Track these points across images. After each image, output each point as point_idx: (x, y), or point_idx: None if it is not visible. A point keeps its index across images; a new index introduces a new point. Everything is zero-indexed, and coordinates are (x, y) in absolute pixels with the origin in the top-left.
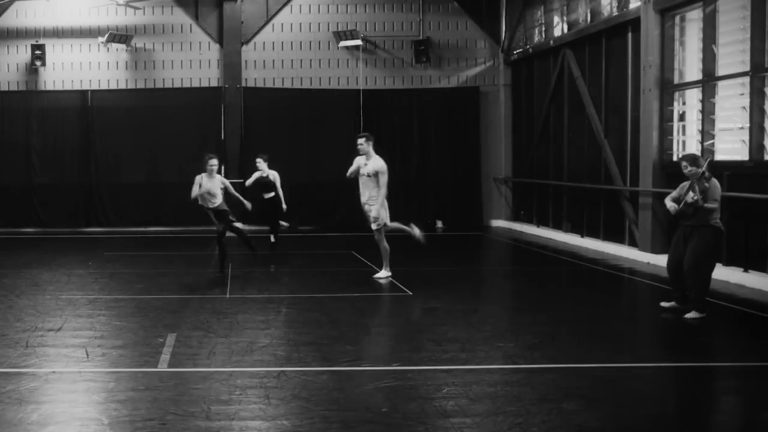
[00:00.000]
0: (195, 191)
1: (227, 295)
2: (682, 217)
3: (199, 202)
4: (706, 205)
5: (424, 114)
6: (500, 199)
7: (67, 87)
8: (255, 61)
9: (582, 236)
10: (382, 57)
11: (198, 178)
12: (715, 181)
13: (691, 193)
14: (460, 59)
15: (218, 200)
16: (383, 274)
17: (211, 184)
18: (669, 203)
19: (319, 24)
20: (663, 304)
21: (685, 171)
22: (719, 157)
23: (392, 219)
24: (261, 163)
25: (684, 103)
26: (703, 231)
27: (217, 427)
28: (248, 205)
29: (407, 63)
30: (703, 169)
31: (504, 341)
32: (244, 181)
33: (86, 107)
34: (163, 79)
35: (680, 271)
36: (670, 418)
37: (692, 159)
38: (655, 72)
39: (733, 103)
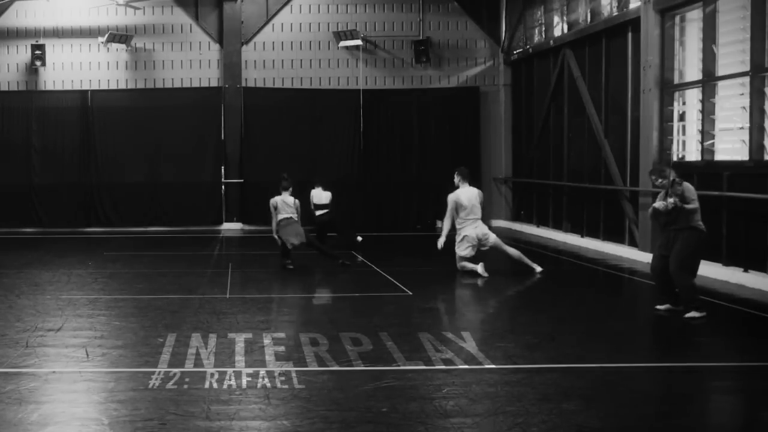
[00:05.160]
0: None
1: (227, 295)
2: (667, 224)
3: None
4: (686, 206)
5: (424, 114)
6: (500, 199)
7: (67, 87)
8: (255, 61)
9: (582, 236)
10: (382, 57)
11: (273, 201)
12: (687, 184)
13: (670, 200)
14: (460, 59)
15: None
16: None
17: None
18: (658, 203)
19: (319, 24)
20: (658, 307)
21: (657, 183)
22: (719, 157)
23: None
24: (317, 186)
25: (684, 103)
26: (686, 233)
27: (217, 427)
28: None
29: (407, 63)
30: (672, 177)
31: (504, 341)
32: (243, 182)
33: (86, 107)
34: (163, 79)
35: (665, 275)
36: (669, 418)
37: (659, 171)
38: (655, 72)
39: (733, 103)
